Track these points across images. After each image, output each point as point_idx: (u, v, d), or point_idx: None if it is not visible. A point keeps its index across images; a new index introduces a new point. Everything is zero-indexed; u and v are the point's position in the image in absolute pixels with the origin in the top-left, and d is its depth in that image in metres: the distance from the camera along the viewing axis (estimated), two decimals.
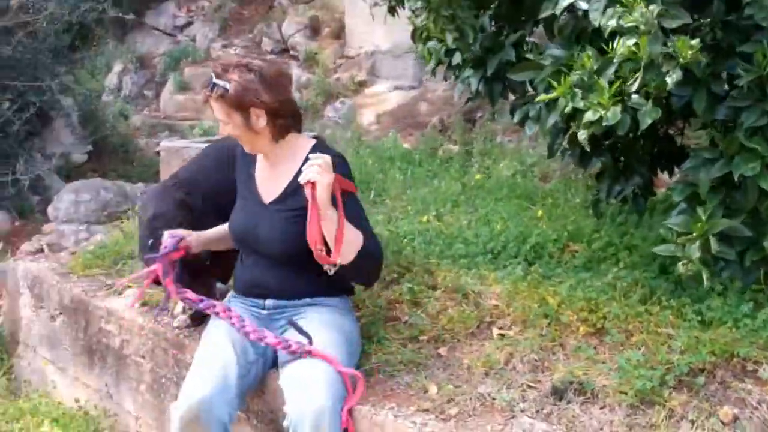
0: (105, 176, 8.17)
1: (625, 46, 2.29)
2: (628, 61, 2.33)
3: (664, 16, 2.20)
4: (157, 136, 10.29)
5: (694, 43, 2.19)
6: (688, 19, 2.24)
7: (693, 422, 2.36)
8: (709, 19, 2.49)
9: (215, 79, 2.75)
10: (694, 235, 2.60)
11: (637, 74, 2.32)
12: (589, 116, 2.45)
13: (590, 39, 2.63)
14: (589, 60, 2.47)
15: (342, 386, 2.58)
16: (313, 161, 2.59)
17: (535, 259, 3.45)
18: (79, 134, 9.09)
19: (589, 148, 2.63)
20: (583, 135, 2.52)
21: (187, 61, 11.76)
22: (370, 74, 9.55)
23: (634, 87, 2.34)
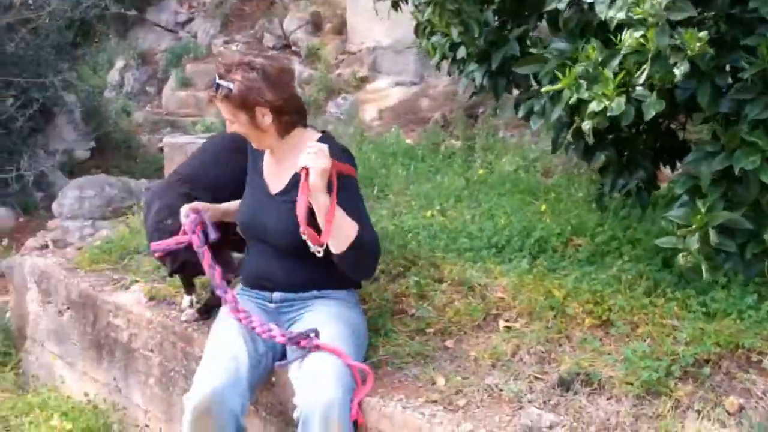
0: (108, 172, 8.20)
1: (632, 38, 2.31)
2: (634, 54, 2.35)
3: (671, 9, 2.22)
4: (159, 133, 10.34)
5: (702, 36, 2.20)
6: (693, 12, 2.25)
7: (699, 412, 2.38)
8: (714, 13, 2.51)
9: (219, 79, 2.78)
10: (693, 227, 2.62)
11: (643, 66, 2.34)
12: (594, 107, 2.47)
13: (595, 32, 2.65)
14: (594, 51, 2.49)
15: (351, 378, 2.60)
16: (309, 149, 2.67)
17: (539, 253, 3.46)
18: (82, 130, 9.12)
19: (593, 140, 2.63)
20: (588, 125, 2.54)
21: (189, 58, 11.80)
22: (372, 70, 9.57)
23: (641, 79, 2.35)
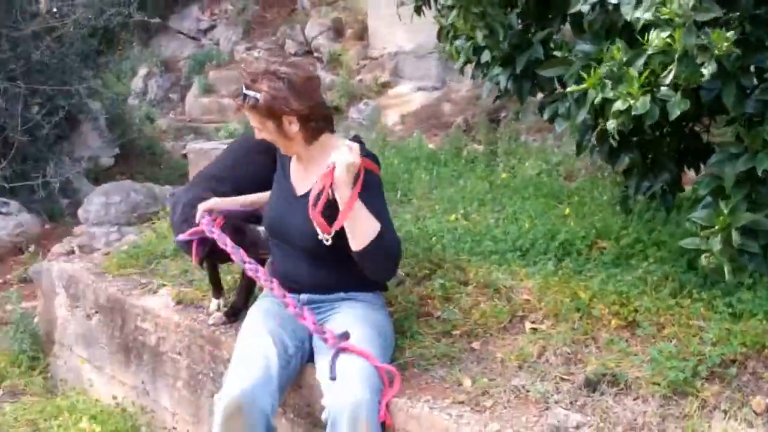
0: (132, 179, 8.25)
1: (659, 38, 2.32)
2: (660, 54, 2.36)
3: (698, 10, 2.23)
4: (183, 139, 10.42)
5: (729, 35, 2.21)
6: (719, 13, 2.26)
7: (726, 412, 2.38)
8: (738, 13, 2.51)
9: (245, 90, 2.82)
10: (716, 229, 2.61)
11: (670, 66, 2.34)
12: (619, 106, 2.48)
13: (620, 33, 2.66)
14: (619, 52, 2.50)
15: (378, 380, 2.62)
16: (342, 146, 2.73)
17: (564, 256, 3.47)
18: (107, 138, 9.20)
19: (618, 139, 2.65)
20: (612, 125, 2.54)
21: (212, 65, 11.90)
22: (394, 75, 9.60)
23: (668, 79, 2.36)
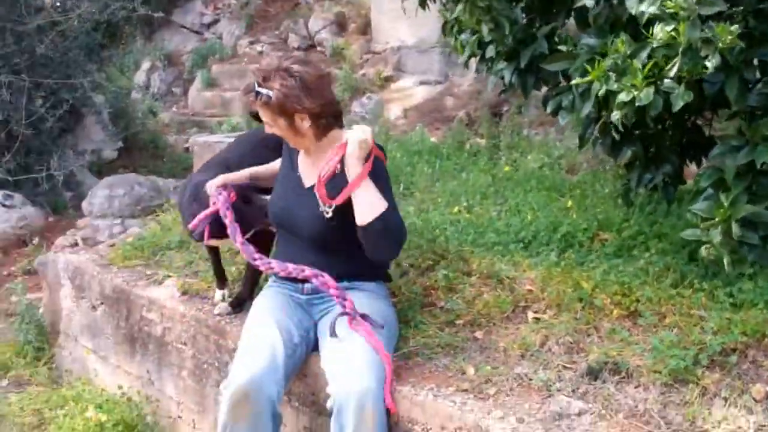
0: (135, 172, 8.24)
1: (663, 31, 2.35)
2: (665, 47, 2.39)
3: (702, 3, 2.26)
4: (186, 133, 10.44)
5: (733, 29, 2.23)
6: (723, 7, 2.28)
7: (726, 399, 2.42)
8: (742, 7, 2.54)
9: (258, 87, 2.85)
10: (716, 220, 2.64)
11: (674, 59, 2.37)
12: (623, 97, 2.51)
13: (624, 27, 2.69)
14: (623, 45, 2.53)
15: (383, 369, 2.66)
16: (355, 127, 2.85)
17: (566, 248, 3.49)
18: (110, 131, 9.21)
19: (621, 131, 2.68)
20: (617, 116, 2.57)
21: (215, 59, 11.91)
22: (396, 69, 9.62)
23: (672, 72, 2.39)
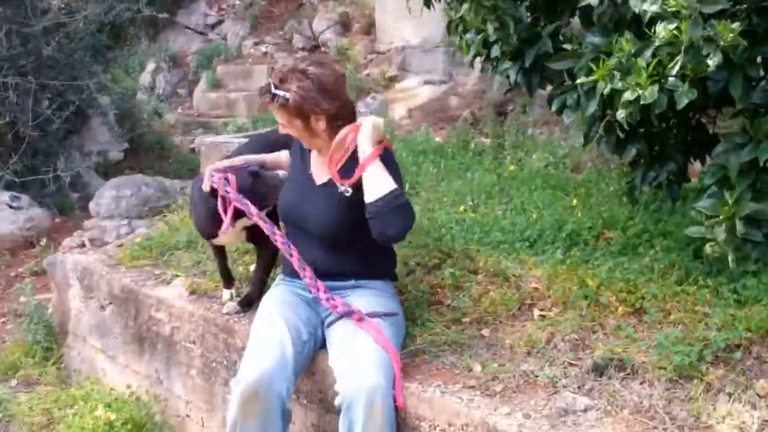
0: (141, 173, 8.28)
1: (666, 30, 2.37)
2: (668, 45, 2.41)
3: (704, 2, 2.28)
4: (191, 134, 10.48)
5: (735, 27, 2.26)
6: (726, 5, 2.31)
7: (730, 395, 2.44)
8: (746, 5, 2.56)
9: (274, 89, 2.88)
10: (721, 218, 2.67)
11: (677, 58, 2.40)
12: (628, 96, 2.53)
13: (628, 26, 2.71)
14: (628, 44, 2.55)
15: (391, 366, 2.68)
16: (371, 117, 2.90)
17: (572, 246, 3.51)
18: (116, 132, 9.23)
19: (626, 129, 2.70)
20: (622, 114, 2.60)
21: (219, 59, 11.95)
22: (401, 69, 9.65)
23: (675, 70, 2.41)
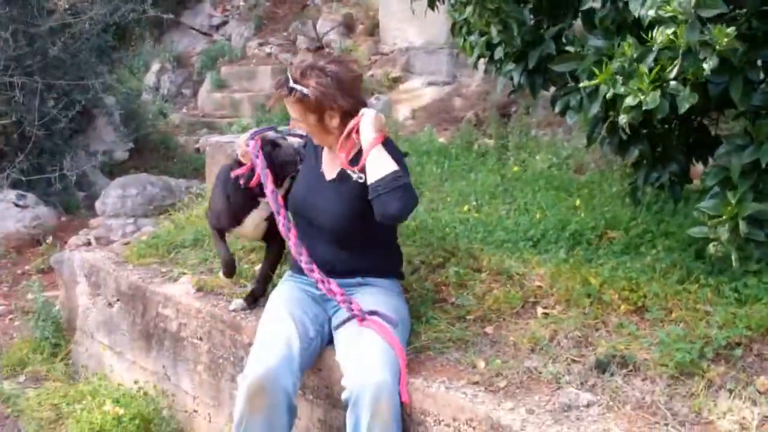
0: (146, 173, 8.34)
1: (663, 34, 2.41)
2: (667, 49, 2.45)
3: (701, 6, 2.31)
4: (196, 134, 10.53)
5: (730, 31, 2.28)
6: (724, 9, 2.34)
7: (731, 391, 2.48)
8: (746, 9, 2.60)
9: (293, 83, 2.93)
10: (724, 218, 2.70)
11: (675, 62, 2.43)
12: (630, 101, 2.57)
13: (630, 29, 2.75)
14: (630, 48, 2.59)
15: (397, 363, 2.72)
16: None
17: (575, 246, 3.55)
18: (121, 132, 9.30)
19: (628, 132, 2.74)
20: (624, 119, 2.63)
21: (224, 60, 12.01)
22: (405, 70, 9.69)
23: (673, 74, 2.44)
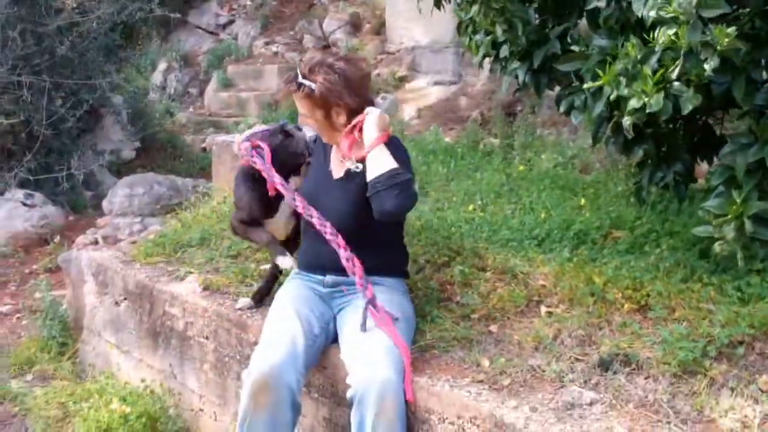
0: (153, 172, 8.38)
1: (665, 35, 2.42)
2: (669, 50, 2.45)
3: (703, 6, 2.32)
4: (202, 133, 10.57)
5: (730, 31, 2.29)
6: (726, 9, 2.34)
7: (733, 390, 2.49)
8: (749, 9, 2.60)
9: (301, 78, 2.96)
10: (729, 217, 2.70)
11: (677, 62, 2.44)
12: (633, 103, 2.57)
13: (634, 29, 2.76)
14: (633, 49, 2.59)
15: (402, 361, 2.74)
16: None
17: (579, 245, 3.57)
18: (129, 131, 9.33)
19: (632, 135, 2.74)
20: (628, 121, 2.64)
21: (230, 59, 12.04)
22: (411, 69, 9.71)
23: (675, 74, 2.45)
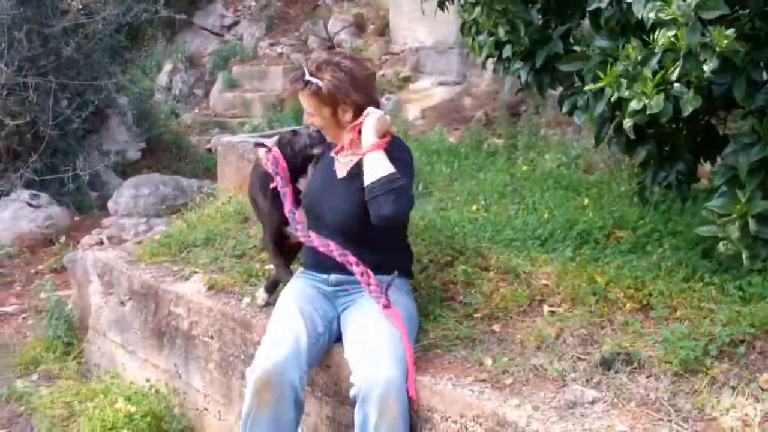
0: (158, 173, 8.41)
1: (665, 37, 2.43)
2: (669, 52, 2.47)
3: (702, 8, 2.33)
4: (208, 134, 10.60)
5: (729, 33, 2.30)
6: (726, 10, 2.35)
7: (734, 388, 2.50)
8: (749, 10, 2.62)
9: (309, 76, 2.99)
10: (733, 217, 2.71)
11: (677, 63, 2.46)
12: (634, 105, 2.59)
13: (634, 30, 2.77)
14: (634, 51, 2.61)
15: (405, 360, 2.76)
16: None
17: (582, 245, 3.59)
18: (134, 132, 9.36)
19: (634, 136, 2.76)
20: (629, 123, 2.66)
21: (235, 60, 12.08)
22: (415, 70, 9.73)
23: (675, 75, 2.47)
